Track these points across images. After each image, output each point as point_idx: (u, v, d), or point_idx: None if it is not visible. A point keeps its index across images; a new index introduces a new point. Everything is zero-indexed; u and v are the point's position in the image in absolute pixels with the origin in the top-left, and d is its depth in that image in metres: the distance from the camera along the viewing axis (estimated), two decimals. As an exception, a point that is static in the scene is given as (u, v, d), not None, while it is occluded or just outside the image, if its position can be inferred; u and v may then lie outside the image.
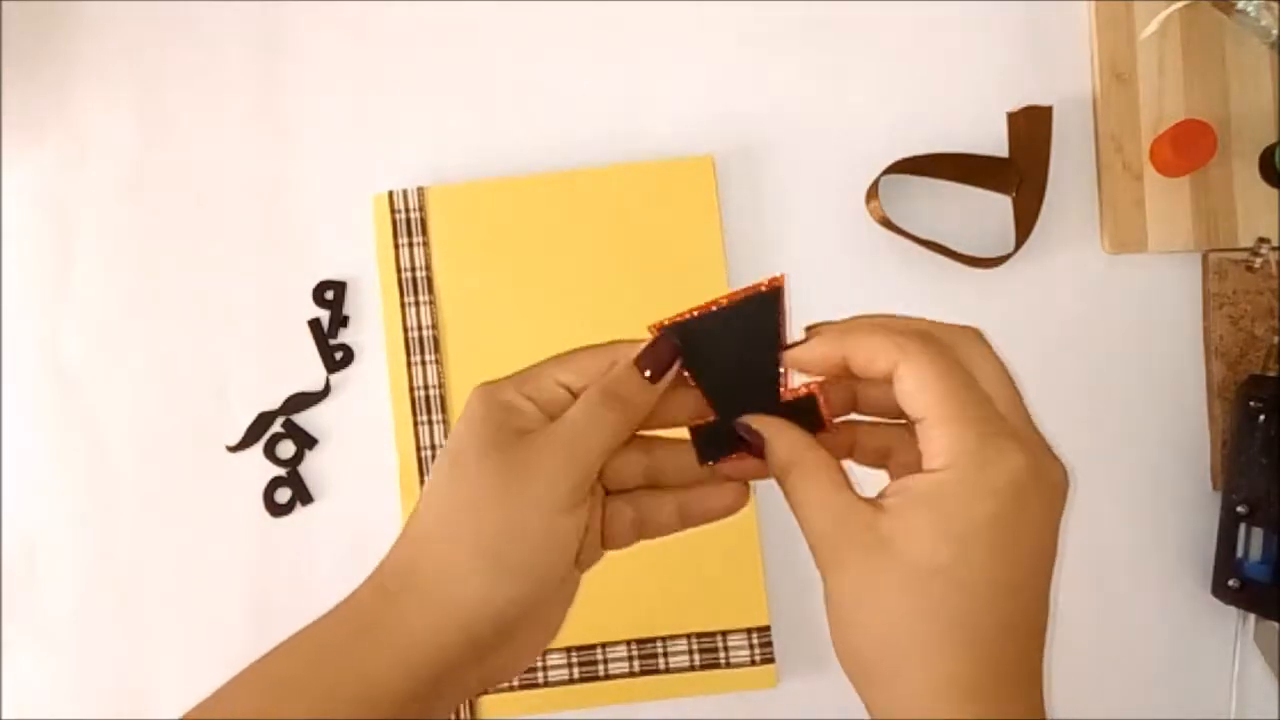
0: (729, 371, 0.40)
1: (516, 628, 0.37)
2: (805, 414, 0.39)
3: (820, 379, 0.39)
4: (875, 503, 0.36)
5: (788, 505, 0.38)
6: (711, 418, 0.40)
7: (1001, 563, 0.36)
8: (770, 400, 0.40)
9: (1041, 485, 0.37)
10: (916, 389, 0.36)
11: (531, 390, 0.39)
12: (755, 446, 0.39)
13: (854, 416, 0.41)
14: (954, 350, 0.38)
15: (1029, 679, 0.36)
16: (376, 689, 0.35)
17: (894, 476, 0.39)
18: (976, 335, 0.40)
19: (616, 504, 0.41)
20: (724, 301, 0.40)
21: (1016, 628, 0.36)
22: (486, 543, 0.37)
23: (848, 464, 0.39)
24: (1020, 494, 0.36)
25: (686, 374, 0.40)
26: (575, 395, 0.39)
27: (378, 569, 0.38)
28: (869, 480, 0.39)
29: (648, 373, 0.39)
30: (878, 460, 0.41)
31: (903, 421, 0.39)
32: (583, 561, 0.40)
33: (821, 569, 0.37)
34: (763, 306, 0.40)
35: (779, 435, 0.39)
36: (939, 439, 0.36)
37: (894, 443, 0.41)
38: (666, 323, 0.39)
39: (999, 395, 0.38)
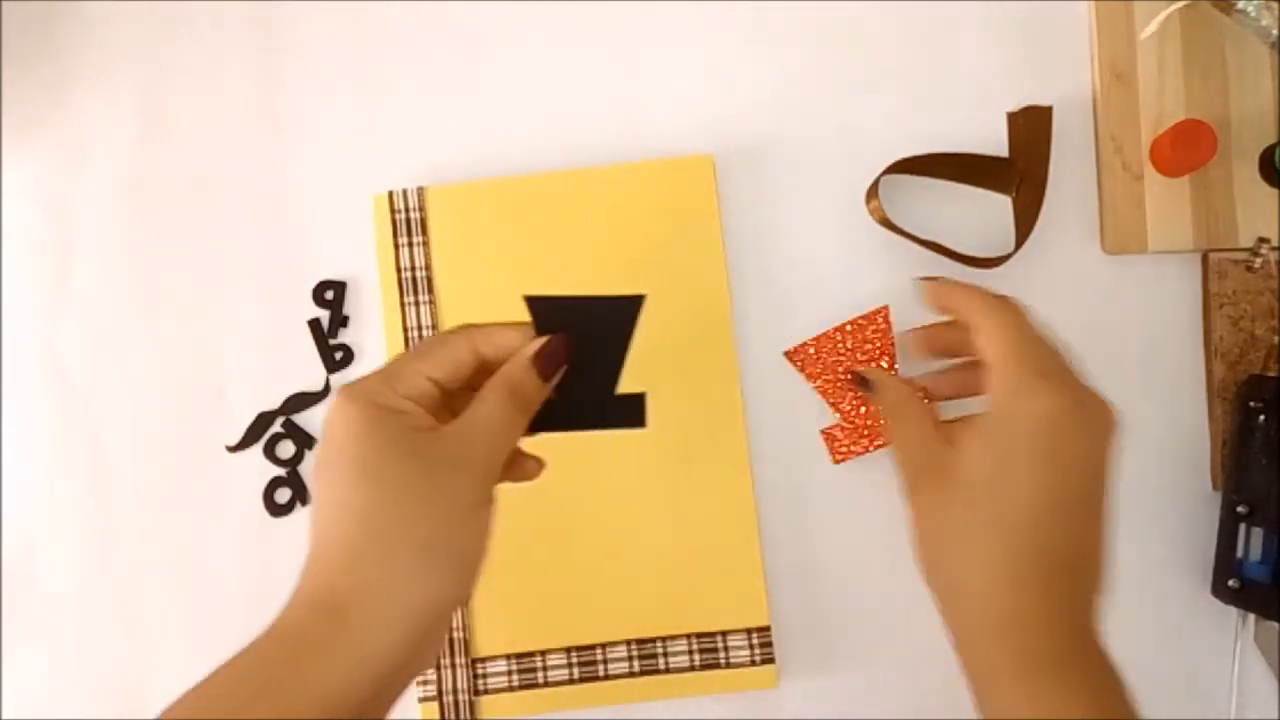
0: (579, 360, 0.45)
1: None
2: (631, 410, 0.46)
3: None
4: (948, 437, 0.45)
5: (888, 438, 0.49)
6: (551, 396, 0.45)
7: (1038, 483, 0.41)
8: (608, 392, 0.46)
9: (1079, 419, 0.43)
10: (988, 339, 0.45)
11: (405, 389, 0.41)
12: (867, 389, 0.53)
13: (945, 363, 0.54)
14: (1023, 315, 0.46)
15: (1078, 607, 0.41)
16: (333, 705, 0.36)
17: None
18: (1024, 308, 0.49)
19: None
20: (594, 297, 0.45)
21: (1056, 549, 0.42)
22: (425, 541, 0.38)
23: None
24: (1056, 424, 0.42)
25: None
26: (439, 386, 0.42)
27: (304, 590, 0.39)
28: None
29: (542, 370, 0.43)
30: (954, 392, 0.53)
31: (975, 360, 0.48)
32: None
33: (905, 494, 0.46)
34: (623, 312, 0.46)
35: (885, 382, 0.53)
36: (999, 380, 0.44)
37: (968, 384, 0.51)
38: (535, 296, 0.45)
39: (1052, 352, 0.46)
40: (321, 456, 0.40)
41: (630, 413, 0.46)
